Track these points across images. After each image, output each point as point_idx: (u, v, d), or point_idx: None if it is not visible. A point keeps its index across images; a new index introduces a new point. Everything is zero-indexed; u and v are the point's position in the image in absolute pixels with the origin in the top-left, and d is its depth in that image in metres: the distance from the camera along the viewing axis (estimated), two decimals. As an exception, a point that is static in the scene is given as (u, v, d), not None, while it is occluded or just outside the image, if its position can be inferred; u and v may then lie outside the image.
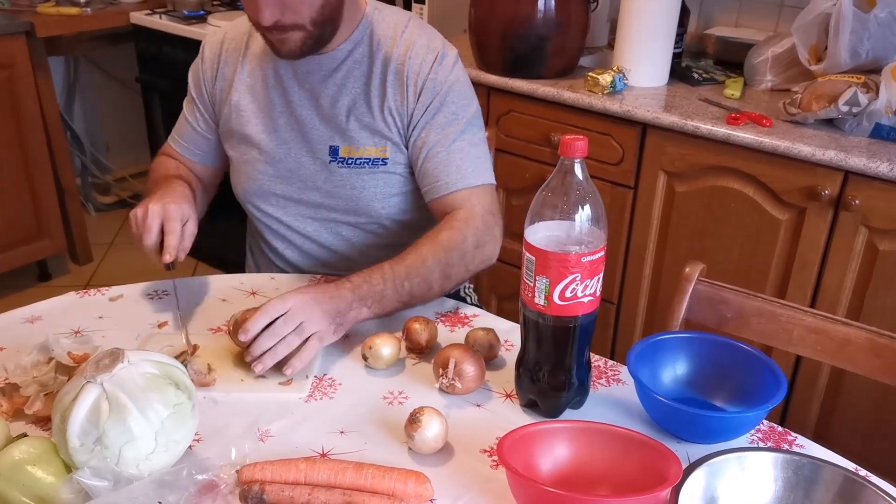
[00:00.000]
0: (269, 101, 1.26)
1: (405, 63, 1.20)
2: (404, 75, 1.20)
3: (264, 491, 0.78)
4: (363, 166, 1.24)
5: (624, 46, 1.92)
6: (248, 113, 1.27)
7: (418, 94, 1.20)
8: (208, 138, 1.35)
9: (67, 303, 1.16)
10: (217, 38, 1.31)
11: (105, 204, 3.38)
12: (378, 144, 1.23)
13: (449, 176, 1.20)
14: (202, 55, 1.32)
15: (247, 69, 1.27)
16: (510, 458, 0.78)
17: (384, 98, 1.21)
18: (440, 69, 1.21)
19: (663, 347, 0.99)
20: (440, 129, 1.21)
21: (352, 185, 1.25)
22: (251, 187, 1.30)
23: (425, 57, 1.20)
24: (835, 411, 1.76)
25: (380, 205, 1.27)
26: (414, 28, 1.23)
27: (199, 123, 1.34)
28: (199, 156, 1.36)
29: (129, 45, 2.81)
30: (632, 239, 1.93)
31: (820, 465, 0.80)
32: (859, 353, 1.08)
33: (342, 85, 1.22)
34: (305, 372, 1.01)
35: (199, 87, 1.32)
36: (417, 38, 1.22)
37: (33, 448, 0.79)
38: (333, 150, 1.24)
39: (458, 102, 1.22)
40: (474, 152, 1.22)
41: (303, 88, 1.24)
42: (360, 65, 1.22)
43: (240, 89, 1.27)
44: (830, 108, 1.63)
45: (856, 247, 1.62)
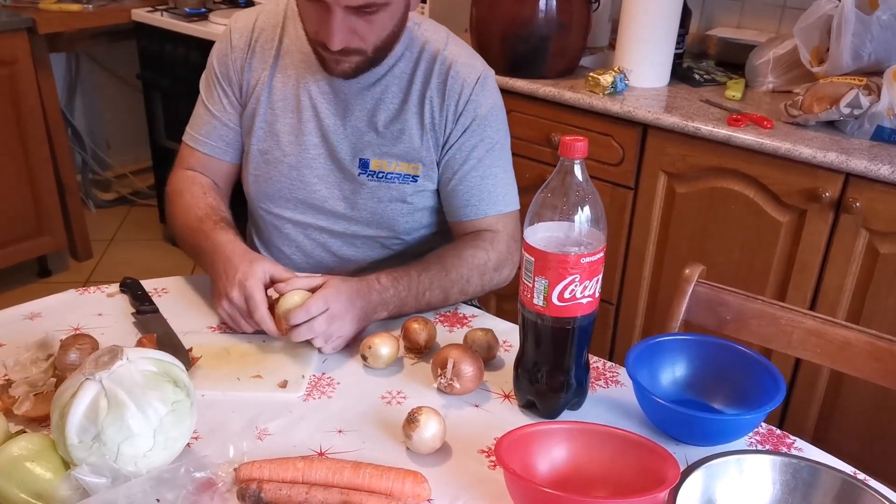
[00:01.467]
0: (300, 103, 1.22)
1: (447, 82, 1.18)
2: (445, 94, 1.19)
3: (262, 489, 0.78)
4: (393, 181, 1.22)
5: (625, 47, 1.92)
6: (279, 110, 1.23)
7: (458, 115, 1.19)
8: (234, 128, 1.27)
9: (67, 300, 1.16)
10: (246, 25, 1.25)
11: (105, 201, 3.38)
12: (411, 161, 1.21)
13: (480, 201, 1.21)
14: (230, 42, 1.25)
15: (279, 65, 1.23)
16: (508, 459, 0.78)
17: (422, 115, 1.19)
18: (482, 92, 1.20)
19: (662, 349, 0.99)
20: (474, 151, 1.20)
21: (378, 198, 1.23)
22: (270, 189, 1.26)
23: (467, 77, 1.19)
24: (834, 414, 1.76)
25: (403, 220, 1.25)
26: (453, 45, 1.22)
27: (224, 111, 1.26)
28: (223, 151, 1.28)
29: (131, 43, 2.81)
30: (631, 240, 1.92)
31: (818, 468, 0.80)
32: (859, 357, 1.08)
33: (380, 99, 1.20)
34: (302, 372, 1.01)
35: (226, 73, 1.25)
36: (458, 57, 1.20)
37: (32, 444, 0.79)
38: (363, 162, 1.21)
39: (494, 127, 1.21)
40: (505, 178, 1.24)
41: (338, 97, 1.20)
42: (399, 80, 1.20)
43: (271, 85, 1.23)
44: (832, 110, 1.63)
45: (856, 249, 1.62)
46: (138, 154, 3.30)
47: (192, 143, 1.29)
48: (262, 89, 1.23)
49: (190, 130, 1.30)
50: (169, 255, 3.04)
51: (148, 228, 3.20)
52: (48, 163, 2.66)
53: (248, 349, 1.06)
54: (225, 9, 2.69)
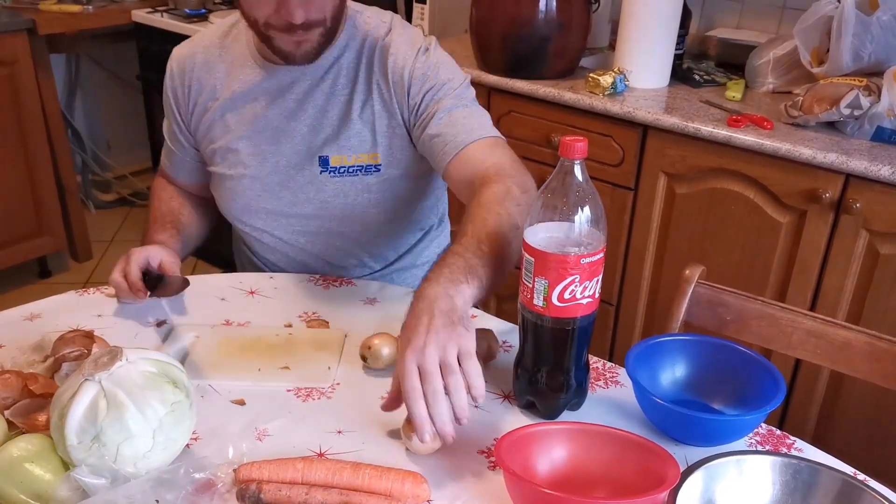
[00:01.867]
0: (252, 114, 1.22)
1: (388, 62, 1.18)
2: (390, 77, 1.18)
3: (261, 490, 0.78)
4: (356, 174, 1.22)
5: (625, 48, 1.91)
6: (231, 127, 1.23)
7: (407, 90, 1.18)
8: (194, 159, 1.33)
9: (67, 301, 1.16)
10: (183, 53, 1.27)
11: (105, 201, 3.38)
12: (370, 150, 1.21)
13: (458, 134, 1.14)
14: (171, 74, 1.28)
15: (226, 84, 1.23)
16: (508, 460, 0.78)
17: (372, 101, 1.19)
18: (424, 57, 1.18)
19: (662, 350, 0.99)
20: (435, 103, 1.17)
21: (345, 193, 1.23)
22: (238, 204, 1.27)
23: (407, 53, 1.18)
24: (834, 415, 1.76)
25: (374, 211, 1.24)
26: (396, 29, 1.21)
27: (181, 145, 1.31)
28: (188, 175, 1.36)
29: (131, 43, 2.81)
30: (631, 240, 1.92)
31: (818, 468, 0.79)
32: (859, 357, 1.08)
33: (330, 93, 1.20)
34: (328, 363, 1.02)
35: (173, 108, 1.29)
36: (399, 38, 1.20)
37: (31, 445, 0.79)
38: (323, 160, 1.21)
39: (446, 76, 1.18)
40: (478, 112, 1.18)
41: (287, 100, 1.21)
42: (346, 70, 1.20)
43: (219, 104, 1.23)
44: (832, 110, 1.63)
45: (856, 250, 1.62)
46: (138, 155, 3.30)
47: (164, 167, 1.40)
48: (212, 112, 1.25)
49: (163, 156, 1.39)
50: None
51: (148, 229, 3.20)
52: (48, 163, 2.66)
53: (276, 341, 1.07)
54: (225, 9, 2.69)
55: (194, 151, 1.32)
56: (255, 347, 1.06)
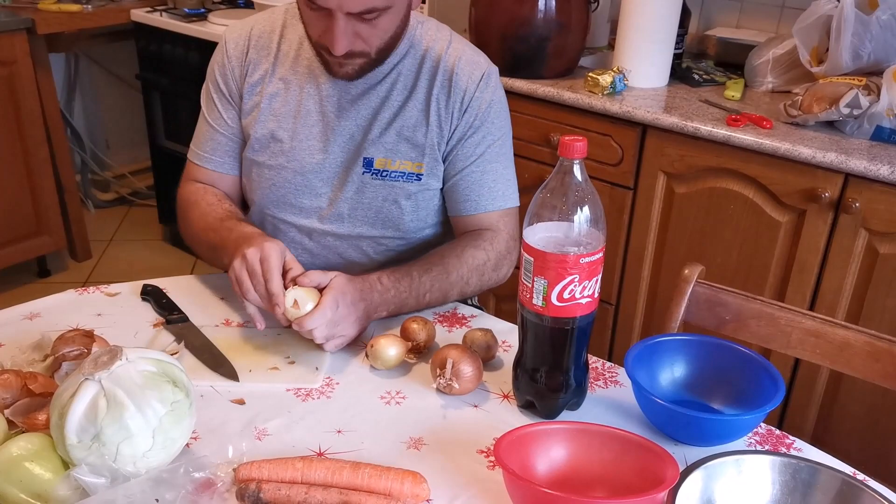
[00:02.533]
0: (302, 106, 1.21)
1: (452, 79, 1.19)
2: (450, 91, 1.19)
3: (261, 489, 0.78)
4: (397, 180, 1.22)
5: (624, 47, 1.92)
6: (280, 116, 1.22)
7: (463, 111, 1.19)
8: (236, 142, 1.27)
9: (66, 300, 1.16)
10: (242, 33, 1.24)
11: (105, 201, 3.38)
12: (415, 159, 1.21)
13: (480, 196, 1.22)
14: (226, 51, 1.24)
15: (279, 71, 1.22)
16: (507, 459, 0.78)
17: (428, 113, 1.19)
18: (486, 88, 1.20)
19: (661, 349, 0.99)
20: (477, 147, 1.20)
21: (384, 197, 1.23)
22: (274, 195, 1.25)
23: (472, 73, 1.19)
24: (833, 415, 1.76)
25: (409, 218, 1.25)
26: (457, 43, 1.22)
27: (226, 124, 1.26)
28: (230, 166, 1.28)
29: (130, 43, 2.81)
30: (631, 240, 1.92)
31: (818, 468, 0.80)
32: (858, 357, 1.08)
33: (385, 97, 1.19)
34: (316, 364, 1.03)
35: (225, 84, 1.24)
36: (463, 54, 1.20)
37: (31, 444, 0.79)
38: (367, 161, 1.21)
39: (497, 123, 1.22)
40: (506, 174, 1.24)
41: (341, 98, 1.20)
42: (404, 77, 1.19)
43: (271, 91, 1.22)
44: (831, 110, 1.63)
45: (856, 250, 1.62)
46: (137, 154, 3.30)
47: (197, 160, 1.29)
48: (261, 96, 1.23)
49: (194, 147, 1.30)
50: (168, 255, 3.04)
51: (147, 229, 3.20)
52: (47, 163, 2.66)
53: (265, 342, 1.07)
54: (224, 9, 2.69)
55: (240, 132, 1.26)
56: (243, 348, 1.05)
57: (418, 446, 0.90)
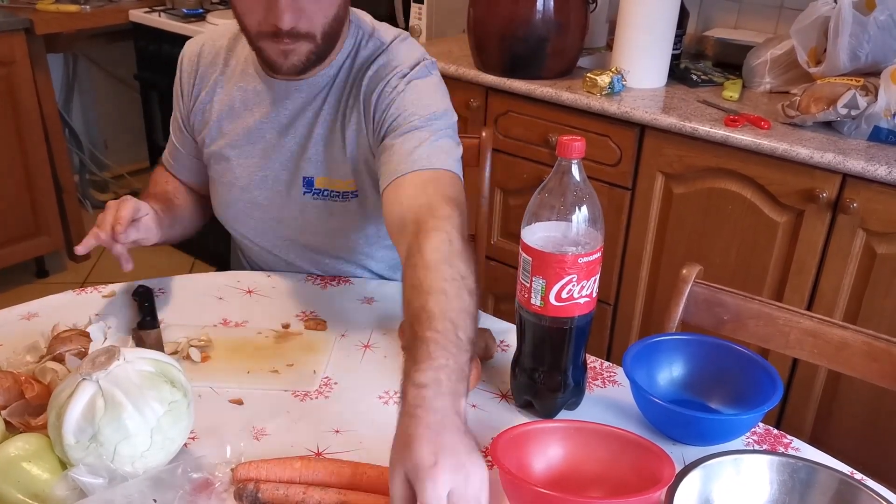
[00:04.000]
0: (247, 124, 1.20)
1: (364, 84, 1.13)
2: (362, 98, 1.13)
3: (259, 490, 0.78)
4: (335, 199, 1.19)
5: (622, 47, 1.92)
6: (227, 133, 1.22)
7: (372, 111, 1.12)
8: (195, 156, 1.30)
9: (64, 300, 1.16)
10: (193, 50, 1.25)
11: (103, 201, 3.37)
12: (346, 177, 1.18)
13: (396, 161, 1.04)
14: (180, 69, 1.26)
15: (226, 88, 1.21)
16: (503, 458, 0.78)
17: (347, 125, 1.15)
18: (394, 81, 1.11)
19: (660, 349, 0.99)
20: (393, 128, 1.10)
21: (326, 217, 1.20)
22: (230, 212, 1.26)
23: (382, 75, 1.12)
24: (831, 414, 1.76)
25: (356, 235, 1.22)
26: (392, 49, 1.15)
27: (184, 143, 1.30)
28: (190, 173, 1.33)
29: (128, 43, 2.81)
30: (629, 240, 1.93)
31: (816, 468, 0.80)
32: (856, 357, 1.08)
33: (319, 112, 1.16)
34: (314, 367, 1.02)
35: (178, 103, 1.27)
36: (386, 61, 1.13)
37: (28, 445, 0.79)
38: (307, 181, 1.18)
39: (415, 103, 1.09)
40: (431, 141, 1.06)
41: (281, 114, 1.18)
42: (336, 90, 1.16)
43: (219, 108, 1.22)
44: (829, 110, 1.63)
45: (853, 250, 1.62)
46: (136, 154, 3.30)
47: (166, 164, 1.36)
48: (210, 114, 1.23)
49: (166, 152, 1.36)
50: (167, 255, 3.04)
51: (145, 229, 3.19)
52: (45, 163, 2.66)
53: (265, 343, 1.07)
54: (222, 9, 2.69)
55: (195, 148, 1.30)
56: (243, 349, 1.05)
57: (416, 446, 0.89)
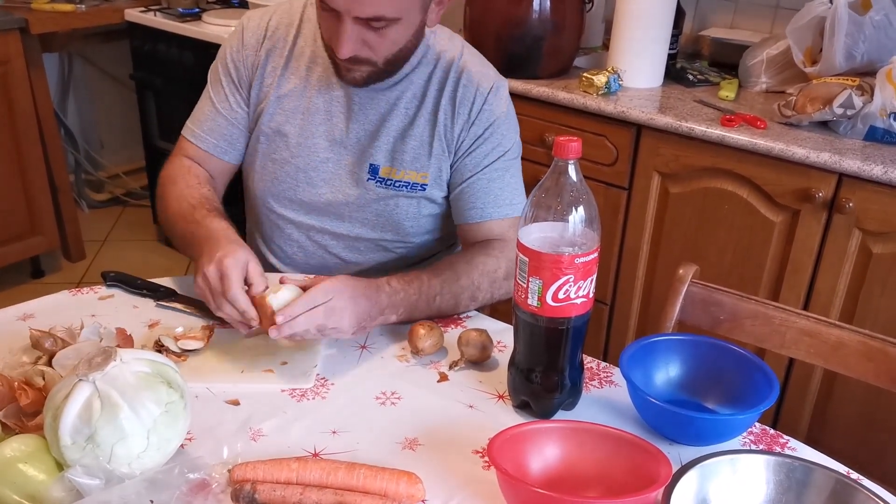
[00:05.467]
0: (312, 104, 1.21)
1: (458, 90, 1.19)
2: (456, 103, 1.19)
3: (256, 490, 0.78)
4: (401, 189, 1.22)
5: (619, 47, 1.92)
6: (289, 112, 1.22)
7: (471, 124, 1.19)
8: (237, 127, 1.25)
9: (60, 300, 1.16)
10: (261, 23, 1.23)
11: (98, 201, 3.37)
12: (420, 170, 1.21)
13: (486, 204, 1.21)
14: (241, 39, 1.23)
15: (293, 66, 1.22)
16: (500, 459, 0.78)
17: (435, 124, 1.20)
18: (494, 100, 1.20)
19: (656, 349, 0.99)
20: (485, 158, 1.20)
21: (386, 204, 1.23)
22: (275, 188, 1.26)
23: (479, 86, 1.19)
24: (827, 414, 1.77)
25: (409, 225, 1.25)
26: (468, 54, 1.22)
27: (231, 109, 1.24)
28: (224, 150, 1.26)
29: (124, 43, 2.80)
30: (625, 240, 1.93)
31: (812, 467, 0.80)
32: (852, 356, 1.08)
33: (394, 105, 1.20)
34: (309, 365, 1.02)
35: (237, 70, 1.23)
36: (472, 66, 1.20)
37: (25, 446, 0.79)
38: (373, 168, 1.21)
39: (505, 135, 1.21)
40: (513, 183, 1.23)
41: (351, 102, 1.20)
42: (414, 87, 1.20)
43: (284, 85, 1.22)
44: (825, 110, 1.64)
45: (849, 249, 1.62)
46: (131, 154, 3.29)
47: (192, 138, 1.26)
48: (272, 89, 1.22)
49: (191, 125, 1.27)
50: (163, 255, 3.03)
51: (141, 229, 3.19)
52: (41, 163, 2.65)
53: (253, 343, 1.06)
54: (218, 9, 2.68)
55: (248, 122, 1.25)
56: (234, 349, 1.05)
57: (413, 447, 0.90)
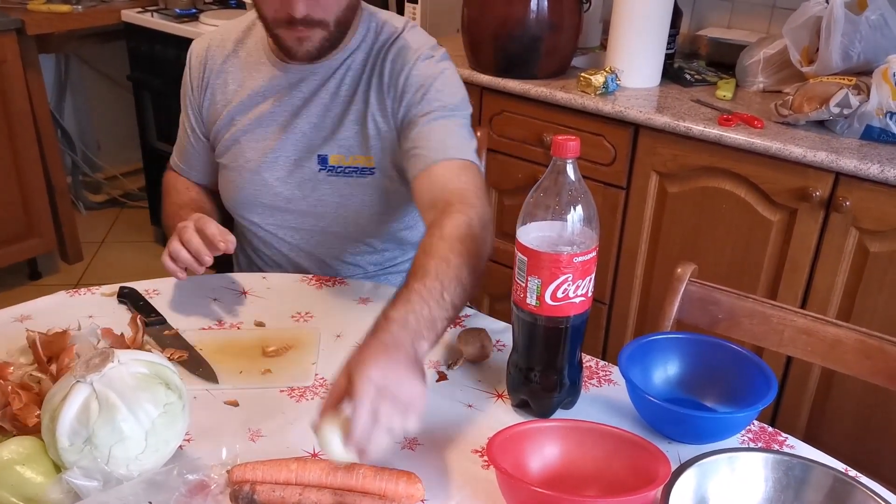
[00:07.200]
0: (259, 109, 1.25)
1: (387, 65, 1.19)
2: (386, 80, 1.19)
3: (255, 491, 0.78)
4: (351, 175, 1.23)
5: (616, 47, 1.92)
6: (239, 121, 1.26)
7: (402, 92, 1.18)
8: (202, 152, 1.34)
9: (58, 302, 1.16)
10: (202, 45, 1.30)
11: (96, 202, 3.37)
12: (365, 153, 1.22)
13: (429, 150, 1.12)
14: (189, 64, 1.31)
15: (236, 77, 1.27)
16: (499, 458, 0.78)
17: (372, 104, 1.20)
18: (422, 65, 1.18)
19: (655, 348, 0.99)
20: (423, 111, 1.16)
21: (340, 193, 1.24)
22: (239, 197, 1.29)
23: (408, 57, 1.19)
24: (825, 412, 1.77)
25: (368, 213, 1.25)
26: (406, 33, 1.22)
27: (194, 134, 1.33)
28: (198, 175, 1.37)
29: (121, 43, 2.80)
30: (624, 239, 1.93)
31: (810, 465, 0.80)
32: (850, 354, 1.08)
33: (335, 93, 1.22)
34: (309, 361, 1.03)
35: (191, 94, 1.31)
36: (405, 43, 1.21)
37: (22, 448, 0.79)
38: (322, 158, 1.23)
39: (442, 91, 1.17)
40: (459, 132, 1.15)
41: (295, 97, 1.23)
42: (353, 71, 1.22)
43: (230, 98, 1.27)
44: (822, 109, 1.64)
45: (846, 248, 1.63)
46: (129, 155, 3.28)
47: (172, 164, 1.40)
48: (221, 105, 1.27)
49: (174, 155, 1.40)
50: (160, 256, 3.03)
51: (139, 230, 3.18)
52: (38, 164, 2.65)
53: (250, 344, 1.06)
54: (215, 9, 2.68)
55: (208, 145, 1.33)
56: (229, 350, 1.05)
57: (413, 446, 0.89)
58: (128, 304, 1.15)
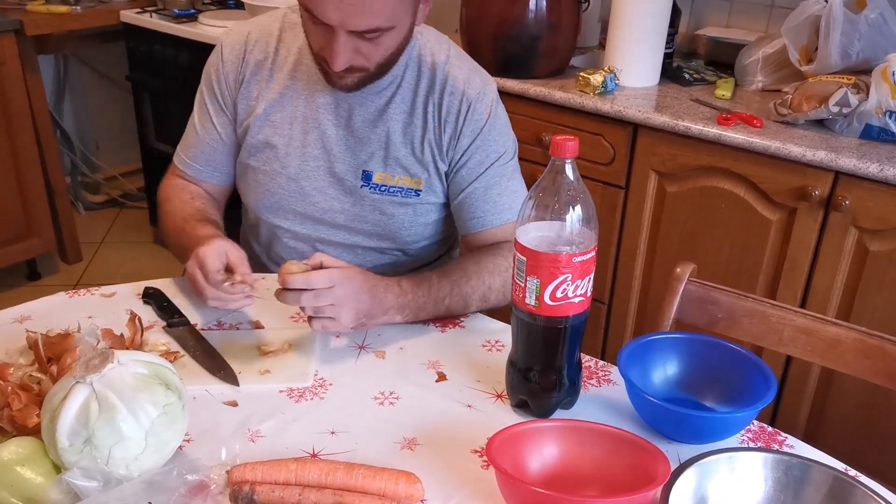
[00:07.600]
0: (300, 114, 1.20)
1: (444, 100, 1.18)
2: (442, 113, 1.18)
3: (255, 491, 0.78)
4: (395, 195, 1.21)
5: (615, 47, 1.92)
6: (277, 123, 1.21)
7: (458, 136, 1.19)
8: (221, 151, 1.27)
9: (57, 302, 1.16)
10: (239, 38, 1.23)
11: (95, 203, 3.36)
12: (414, 175, 1.21)
13: (486, 213, 1.21)
14: (221, 56, 1.23)
15: (277, 77, 1.21)
16: (499, 458, 0.78)
17: (425, 130, 1.19)
18: (479, 108, 1.18)
19: (654, 348, 0.99)
20: (479, 166, 1.20)
21: (381, 211, 1.23)
22: (269, 200, 1.25)
23: (464, 94, 1.18)
24: (825, 411, 1.77)
25: (406, 232, 1.25)
26: (455, 57, 1.21)
27: (214, 131, 1.25)
28: (209, 174, 1.29)
29: (120, 44, 2.80)
30: (623, 239, 1.93)
31: (810, 465, 0.80)
32: (849, 354, 1.09)
33: (383, 110, 1.19)
34: (306, 360, 1.02)
35: (219, 89, 1.24)
36: (457, 73, 1.19)
37: (22, 448, 0.79)
38: (366, 175, 1.21)
39: (495, 140, 1.20)
40: (512, 187, 1.23)
41: (340, 108, 1.19)
42: (403, 91, 1.19)
43: (269, 98, 1.21)
44: (821, 108, 1.64)
45: (846, 247, 1.63)
46: (128, 156, 3.29)
47: (180, 164, 1.30)
48: (257, 103, 1.22)
49: (180, 150, 1.31)
50: (159, 257, 3.03)
51: (138, 230, 3.18)
52: (37, 165, 2.64)
53: (249, 345, 1.06)
54: (214, 10, 2.68)
55: (233, 140, 1.26)
56: (228, 350, 1.05)
57: (412, 446, 0.90)
58: (153, 304, 1.14)
